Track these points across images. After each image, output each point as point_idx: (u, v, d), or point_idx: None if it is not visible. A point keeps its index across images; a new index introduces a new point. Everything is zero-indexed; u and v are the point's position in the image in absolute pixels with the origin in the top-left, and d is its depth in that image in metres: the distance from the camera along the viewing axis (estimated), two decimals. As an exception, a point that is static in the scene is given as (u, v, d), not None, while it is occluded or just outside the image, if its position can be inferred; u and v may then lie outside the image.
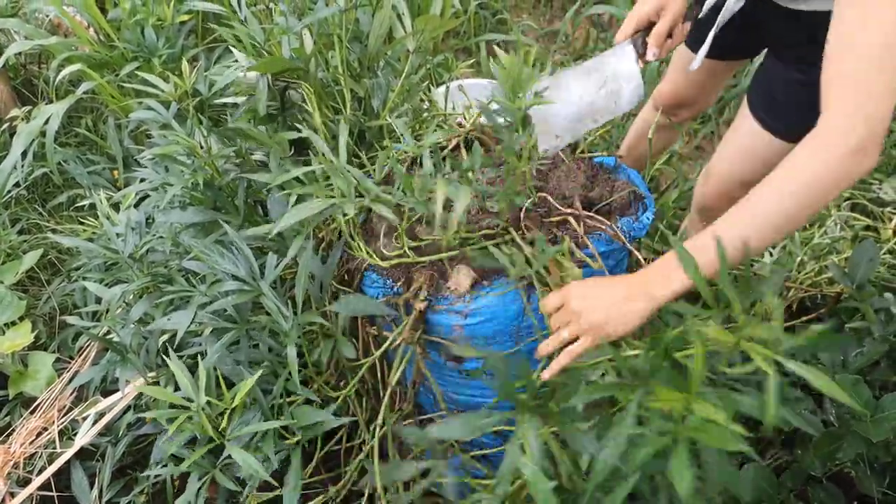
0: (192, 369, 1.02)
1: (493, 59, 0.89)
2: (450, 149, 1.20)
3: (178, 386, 1.04)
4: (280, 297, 1.06)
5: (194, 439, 1.05)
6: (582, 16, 2.77)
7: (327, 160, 0.88)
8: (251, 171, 1.19)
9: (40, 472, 1.30)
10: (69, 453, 1.30)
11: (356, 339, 1.15)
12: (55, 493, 1.30)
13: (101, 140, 2.23)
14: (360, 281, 1.12)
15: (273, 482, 1.03)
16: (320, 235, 1.17)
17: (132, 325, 1.25)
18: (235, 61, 1.23)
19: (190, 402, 0.99)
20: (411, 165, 1.19)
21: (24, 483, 1.30)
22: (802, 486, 1.04)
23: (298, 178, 0.97)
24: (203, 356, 1.07)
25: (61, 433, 1.37)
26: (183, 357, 1.07)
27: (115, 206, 1.57)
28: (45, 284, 1.90)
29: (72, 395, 1.46)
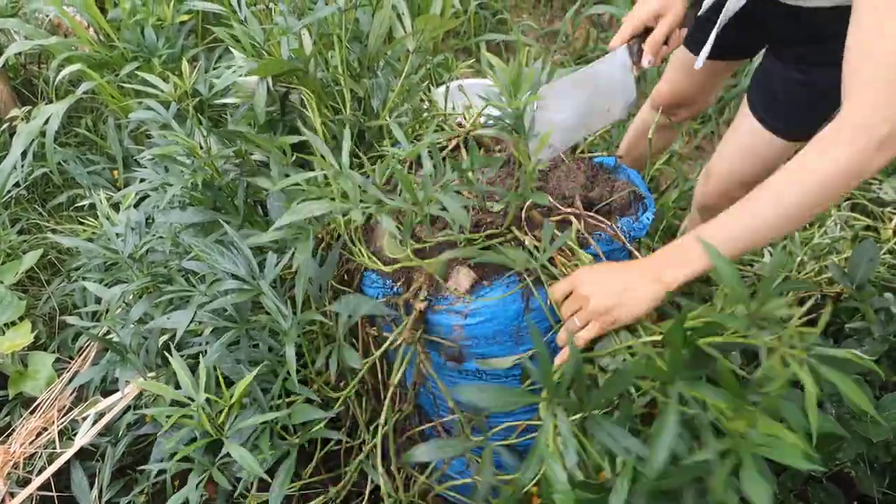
0: (192, 369, 1.03)
1: (489, 63, 0.89)
2: (450, 149, 1.20)
3: (178, 386, 1.04)
4: (280, 297, 1.06)
5: (194, 439, 1.05)
6: (582, 16, 2.77)
7: (329, 164, 0.87)
8: (251, 172, 1.19)
9: (40, 473, 1.30)
10: (69, 453, 1.30)
11: (356, 340, 1.15)
12: (55, 494, 1.30)
13: (101, 140, 2.23)
14: (360, 281, 1.12)
15: (271, 480, 1.03)
16: (319, 235, 1.17)
17: (132, 325, 1.25)
18: (235, 62, 1.23)
19: (190, 400, 1.00)
20: (412, 166, 1.19)
21: (24, 483, 1.29)
22: (802, 486, 1.04)
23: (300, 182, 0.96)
24: (203, 356, 1.07)
25: (61, 433, 1.37)
26: (183, 357, 1.07)
27: (115, 206, 1.57)
28: (45, 284, 1.90)
29: (72, 395, 1.46)
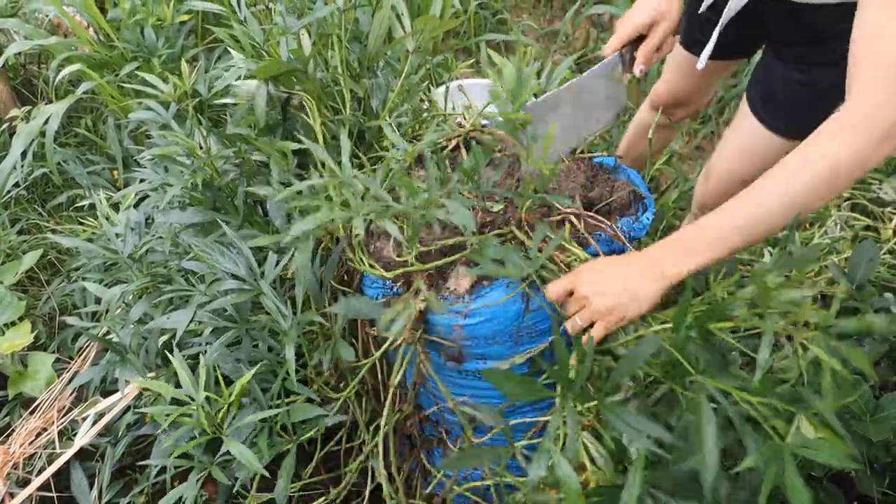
0: (192, 369, 1.03)
1: (490, 62, 0.89)
2: (450, 149, 1.20)
3: (178, 385, 1.04)
4: (280, 297, 1.06)
5: (193, 438, 1.05)
6: (582, 16, 2.77)
7: (330, 170, 0.87)
8: (251, 173, 1.19)
9: (40, 473, 1.30)
10: (69, 454, 1.30)
11: (356, 340, 1.15)
12: (55, 494, 1.30)
13: (101, 140, 2.23)
14: (360, 281, 1.12)
15: (273, 479, 1.03)
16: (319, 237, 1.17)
17: (132, 326, 1.25)
18: (234, 63, 1.22)
19: (190, 398, 1.00)
20: (411, 164, 1.19)
21: (24, 483, 1.29)
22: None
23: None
24: (203, 356, 1.07)
25: (61, 433, 1.37)
26: (183, 357, 1.07)
27: (115, 207, 1.57)
28: (45, 285, 1.90)
29: (71, 395, 1.46)
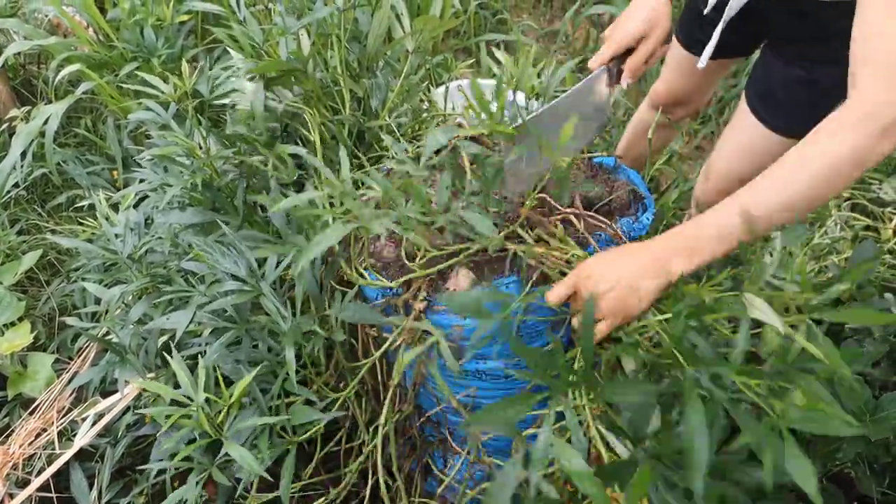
0: (191, 370, 1.03)
1: (495, 60, 0.89)
2: (449, 149, 1.20)
3: (177, 386, 1.04)
4: (279, 298, 1.06)
5: (194, 440, 1.05)
6: (582, 16, 2.77)
7: (329, 181, 0.87)
8: (251, 173, 1.19)
9: (39, 474, 1.30)
10: (68, 454, 1.30)
11: (356, 340, 1.15)
12: (54, 495, 1.30)
13: (101, 140, 2.23)
14: (360, 281, 1.12)
15: (271, 479, 1.03)
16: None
17: (131, 326, 1.25)
18: (234, 63, 1.22)
19: (189, 399, 1.00)
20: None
21: (24, 484, 1.29)
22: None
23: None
24: (203, 356, 1.07)
25: (60, 434, 1.37)
26: (183, 357, 1.07)
27: (115, 207, 1.57)
28: (45, 285, 1.90)
29: (71, 395, 1.45)
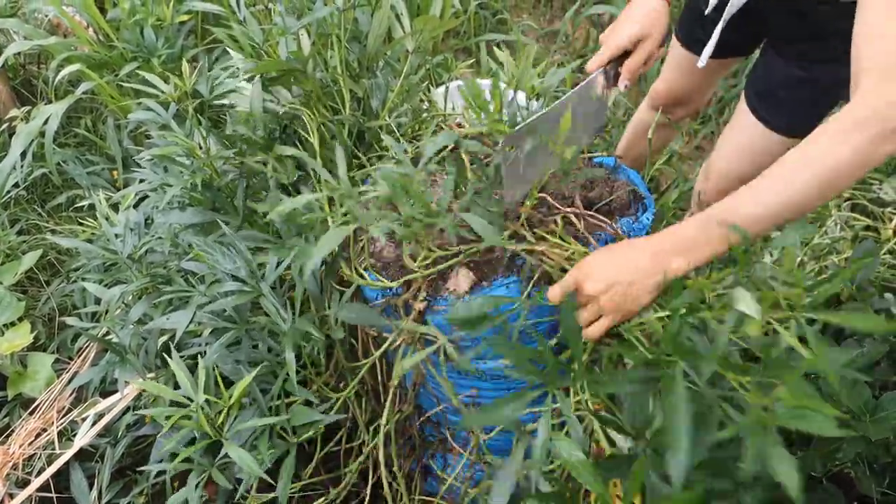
0: (191, 370, 1.03)
1: (496, 61, 0.89)
2: (449, 149, 1.20)
3: (177, 386, 1.04)
4: (279, 298, 1.06)
5: (194, 440, 1.05)
6: (582, 16, 2.77)
7: (330, 186, 0.88)
8: (251, 173, 1.19)
9: (39, 474, 1.30)
10: (68, 454, 1.30)
11: (355, 340, 1.15)
12: (54, 495, 1.30)
13: (101, 140, 2.23)
14: (360, 281, 1.12)
15: (272, 481, 1.03)
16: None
17: (131, 326, 1.25)
18: (233, 63, 1.22)
19: (189, 400, 1.00)
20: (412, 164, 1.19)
21: (24, 484, 1.29)
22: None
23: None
24: (203, 356, 1.07)
25: (60, 434, 1.37)
26: (183, 357, 1.07)
27: (115, 207, 1.57)
28: (45, 285, 1.90)
29: (71, 395, 1.45)
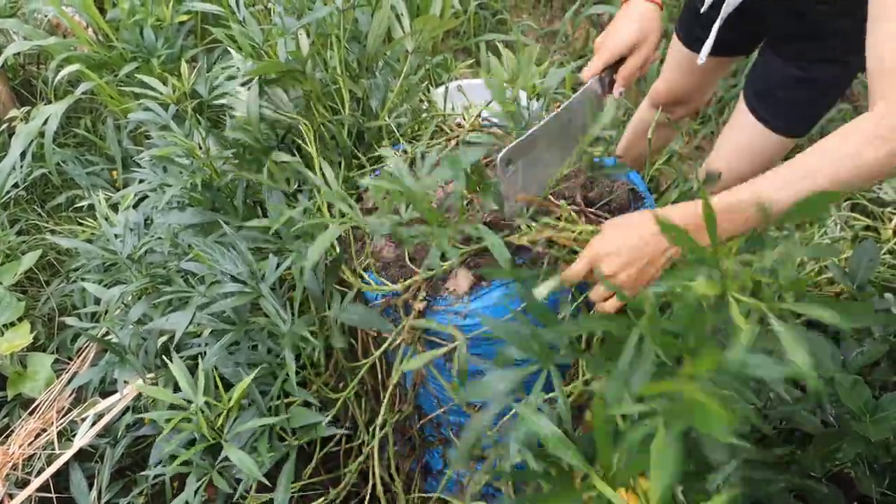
0: (191, 370, 1.02)
1: (491, 56, 0.89)
2: (449, 149, 1.20)
3: (177, 387, 1.04)
4: (279, 299, 1.05)
5: (193, 441, 1.05)
6: (582, 16, 2.77)
7: (329, 192, 0.88)
8: (250, 172, 1.18)
9: (39, 474, 1.30)
10: (68, 454, 1.30)
11: (355, 340, 1.15)
12: (54, 495, 1.30)
13: (100, 141, 2.23)
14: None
15: (270, 485, 1.03)
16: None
17: (131, 326, 1.25)
18: (233, 63, 1.22)
19: (189, 402, 1.00)
20: (411, 165, 1.19)
21: (23, 484, 1.29)
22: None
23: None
24: (202, 357, 1.07)
25: (60, 434, 1.37)
26: (182, 358, 1.07)
27: (114, 207, 1.57)
28: (44, 285, 1.90)
29: (70, 396, 1.45)
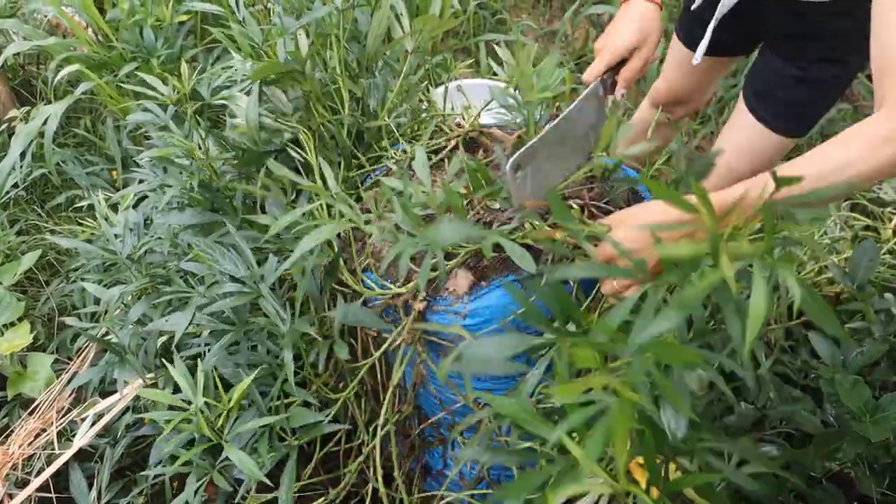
0: (190, 371, 1.02)
1: (492, 57, 0.88)
2: (449, 149, 1.20)
3: (177, 387, 1.04)
4: (279, 299, 1.05)
5: (193, 441, 1.05)
6: (581, 16, 2.77)
7: (327, 194, 0.88)
8: (249, 175, 1.18)
9: (39, 474, 1.30)
10: (68, 454, 1.30)
11: (355, 340, 1.15)
12: (54, 495, 1.30)
13: (100, 141, 2.23)
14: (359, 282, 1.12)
15: (271, 484, 1.03)
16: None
17: (131, 326, 1.25)
18: (233, 63, 1.22)
19: (188, 403, 1.00)
20: (410, 165, 1.19)
21: (23, 484, 1.29)
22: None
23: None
24: (202, 357, 1.07)
25: (60, 434, 1.37)
26: (182, 358, 1.07)
27: (114, 207, 1.57)
28: (44, 285, 1.90)
29: (70, 396, 1.45)
